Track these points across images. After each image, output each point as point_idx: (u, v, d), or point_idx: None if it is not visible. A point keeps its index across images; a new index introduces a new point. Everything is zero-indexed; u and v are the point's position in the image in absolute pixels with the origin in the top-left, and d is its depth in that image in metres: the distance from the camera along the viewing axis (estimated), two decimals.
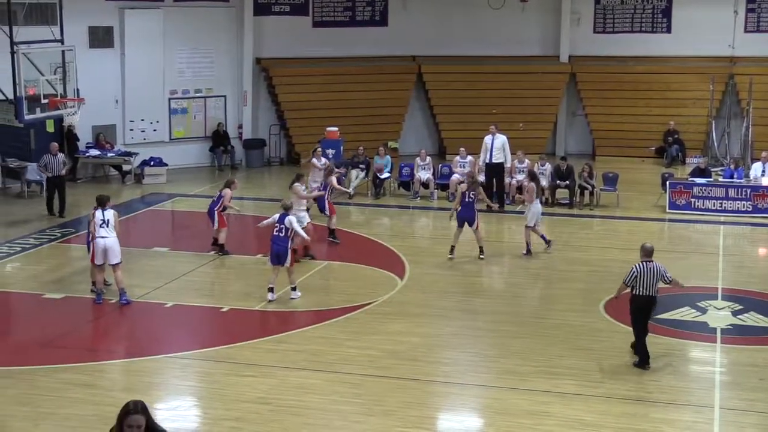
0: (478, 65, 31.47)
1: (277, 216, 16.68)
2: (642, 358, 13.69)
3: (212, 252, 19.44)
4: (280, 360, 13.91)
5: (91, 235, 16.43)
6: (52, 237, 20.94)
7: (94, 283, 16.72)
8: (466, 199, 19.21)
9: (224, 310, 16.26)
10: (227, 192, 19.40)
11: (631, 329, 14.04)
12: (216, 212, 19.28)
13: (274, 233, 16.52)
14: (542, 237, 20.02)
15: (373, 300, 16.71)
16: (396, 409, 12.28)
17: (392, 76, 31.22)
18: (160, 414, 12.41)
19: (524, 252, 19.67)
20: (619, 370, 13.63)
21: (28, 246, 20.28)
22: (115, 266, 16.24)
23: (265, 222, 17.11)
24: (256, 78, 30.22)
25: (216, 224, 19.34)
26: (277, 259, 16.45)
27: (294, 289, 16.67)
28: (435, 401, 12.90)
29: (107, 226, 16.16)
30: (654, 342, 14.55)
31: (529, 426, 11.85)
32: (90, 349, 14.67)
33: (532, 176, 20.75)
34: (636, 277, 13.51)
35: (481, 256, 19.22)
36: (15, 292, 17.35)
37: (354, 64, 30.92)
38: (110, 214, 16.30)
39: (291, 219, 16.53)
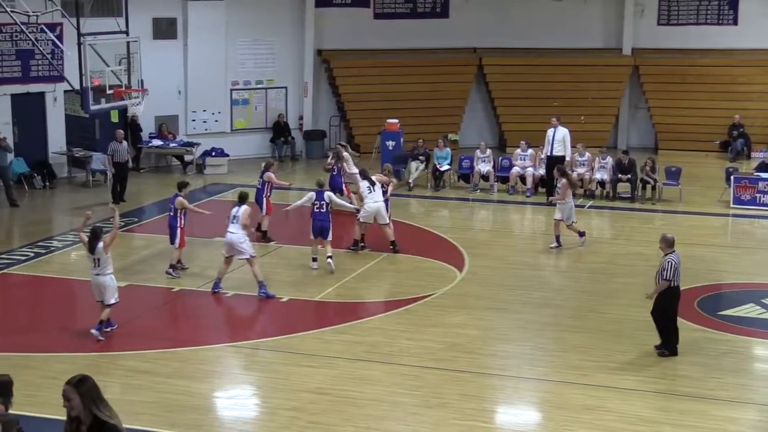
0: (539, 57, 31.24)
1: (313, 194, 17.69)
2: (672, 346, 13.72)
3: (273, 242, 19.58)
4: (340, 351, 13.97)
5: (179, 221, 17.32)
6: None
7: (173, 266, 17.37)
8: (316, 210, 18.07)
9: (284, 300, 16.38)
10: (270, 175, 19.70)
11: (695, 326, 13.88)
12: (265, 199, 19.61)
13: (315, 210, 17.60)
14: (578, 232, 19.80)
15: (432, 292, 16.71)
16: (453, 401, 12.28)
17: (453, 68, 31.12)
18: (220, 402, 12.57)
19: (553, 245, 19.52)
20: (680, 366, 13.47)
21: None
22: (248, 261, 16.47)
23: (294, 204, 18.34)
24: (317, 69, 30.34)
25: (264, 211, 19.58)
26: (320, 232, 17.56)
27: (330, 257, 17.57)
28: (492, 394, 12.88)
29: (236, 222, 16.43)
30: (717, 339, 14.41)
31: (587, 421, 11.77)
32: (152, 336, 14.87)
33: (562, 173, 20.00)
34: (676, 269, 13.45)
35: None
36: (79, 280, 17.62)
37: (415, 56, 30.88)
38: (242, 210, 16.54)
39: (329, 194, 17.80)
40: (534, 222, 22.84)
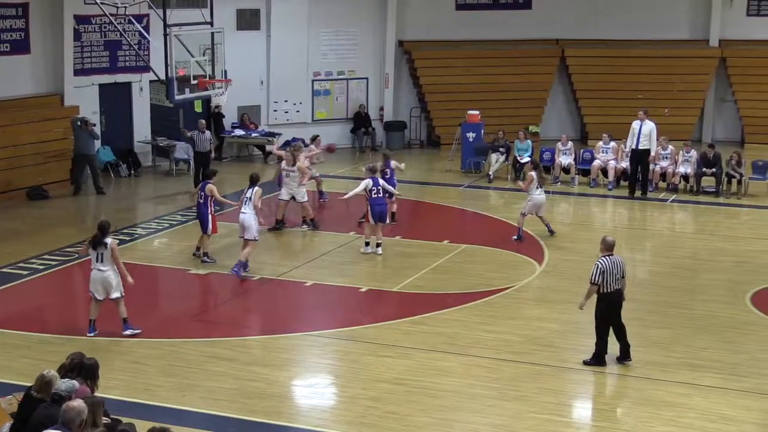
0: (623, 49, 30.79)
1: (370, 181, 18.01)
2: (598, 355, 13.01)
3: (352, 232, 19.68)
4: (417, 342, 13.99)
5: (210, 208, 17.51)
6: None
7: (206, 254, 17.70)
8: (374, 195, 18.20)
9: (363, 290, 16.45)
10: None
11: None
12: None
13: (373, 196, 18.00)
14: (547, 226, 19.64)
15: (511, 285, 16.63)
16: (531, 395, 12.20)
17: (535, 59, 30.88)
18: (299, 390, 12.69)
19: (515, 237, 19.33)
20: (765, 365, 13.17)
21: (175, 222, 20.97)
22: (246, 241, 16.82)
23: (351, 194, 18.36)
24: (398, 60, 30.37)
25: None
26: (380, 217, 18.05)
27: (379, 245, 18.16)
28: (571, 388, 12.76)
29: (248, 204, 16.88)
30: None
31: (669, 418, 11.60)
32: (233, 324, 15.08)
33: (535, 165, 20.11)
34: (603, 271, 12.74)
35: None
36: (162, 267, 17.95)
37: (496, 48, 30.72)
38: (254, 192, 16.93)
39: (382, 181, 18.18)
40: (615, 215, 22.56)
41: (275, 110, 28.99)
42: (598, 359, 13.04)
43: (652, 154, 23.37)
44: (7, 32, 23.40)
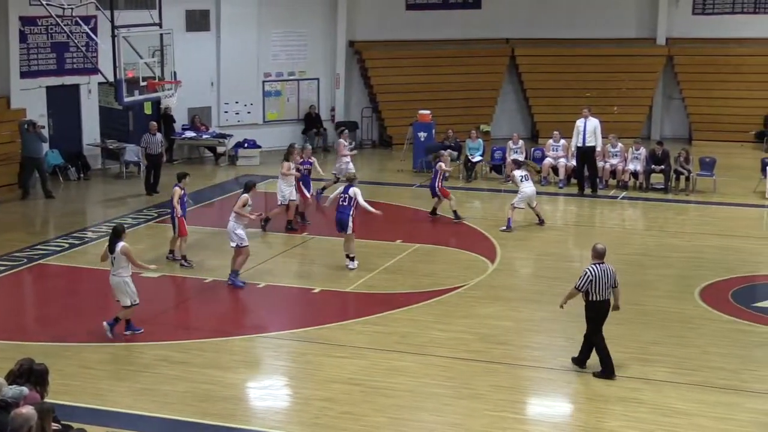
0: (572, 48, 31.07)
1: (340, 188, 17.87)
2: (607, 368, 12.67)
3: (304, 233, 19.64)
4: (371, 341, 13.99)
5: (175, 210, 17.35)
6: (149, 217, 21.41)
7: (184, 257, 17.51)
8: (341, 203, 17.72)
9: (315, 291, 16.41)
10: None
11: (729, 318, 13.70)
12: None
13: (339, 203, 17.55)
14: (538, 215, 20.46)
15: (463, 283, 16.69)
16: (486, 392, 12.25)
17: (485, 59, 31.04)
18: (252, 393, 12.63)
19: (502, 228, 19.87)
20: (714, 359, 13.36)
21: (126, 225, 20.71)
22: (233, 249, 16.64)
23: (331, 197, 18.25)
24: (348, 61, 30.35)
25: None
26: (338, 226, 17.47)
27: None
28: (525, 386, 12.83)
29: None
30: (752, 331, 14.29)
31: (620, 413, 11.71)
32: (185, 327, 14.97)
33: (517, 164, 21.21)
34: (591, 281, 12.56)
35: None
36: None
37: (447, 47, 30.82)
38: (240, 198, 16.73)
39: (356, 190, 17.38)
40: (566, 213, 22.73)
41: (226, 111, 28.83)
42: (606, 369, 12.65)
43: (598, 149, 23.59)
44: None
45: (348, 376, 12.74)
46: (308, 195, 20.50)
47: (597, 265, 12.67)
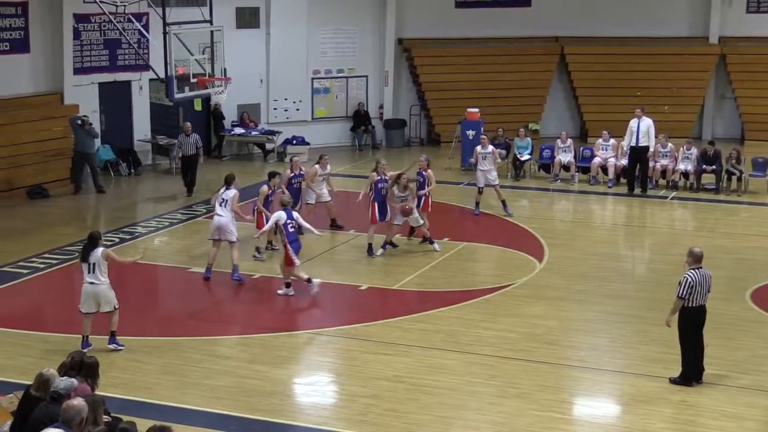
0: (622, 46, 30.79)
1: (284, 215, 15.96)
2: (685, 375, 12.36)
3: (352, 231, 19.67)
4: (417, 339, 14.00)
5: (256, 205, 17.60)
6: (198, 213, 21.60)
7: (257, 249, 17.84)
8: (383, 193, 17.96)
9: (363, 288, 16.46)
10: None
11: None
12: None
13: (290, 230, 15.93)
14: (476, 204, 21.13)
15: (511, 282, 16.64)
16: (531, 392, 12.22)
17: (534, 57, 30.87)
18: (299, 389, 12.71)
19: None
20: (765, 362, 13.19)
21: (175, 221, 20.99)
22: (231, 244, 16.63)
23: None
24: (397, 58, 30.36)
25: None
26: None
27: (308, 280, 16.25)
28: (570, 386, 12.77)
29: (225, 206, 16.58)
30: None
31: (669, 415, 11.62)
32: (232, 322, 15.10)
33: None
34: (692, 286, 12.11)
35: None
36: (163, 266, 17.96)
37: (496, 45, 30.69)
38: (230, 194, 16.64)
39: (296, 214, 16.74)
40: (615, 213, 22.57)
41: (275, 108, 28.98)
42: (684, 378, 12.34)
43: (651, 150, 23.38)
44: (7, 31, 23.41)
45: (393, 373, 12.76)
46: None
47: (696, 270, 12.26)
